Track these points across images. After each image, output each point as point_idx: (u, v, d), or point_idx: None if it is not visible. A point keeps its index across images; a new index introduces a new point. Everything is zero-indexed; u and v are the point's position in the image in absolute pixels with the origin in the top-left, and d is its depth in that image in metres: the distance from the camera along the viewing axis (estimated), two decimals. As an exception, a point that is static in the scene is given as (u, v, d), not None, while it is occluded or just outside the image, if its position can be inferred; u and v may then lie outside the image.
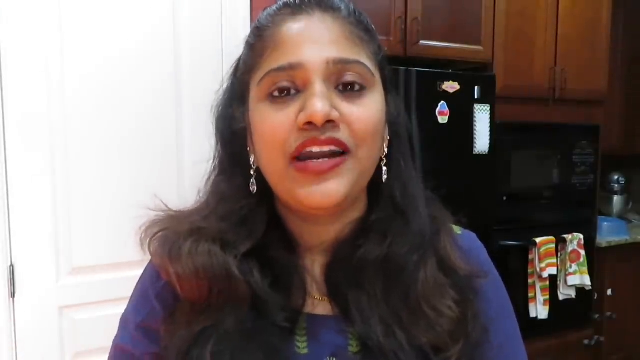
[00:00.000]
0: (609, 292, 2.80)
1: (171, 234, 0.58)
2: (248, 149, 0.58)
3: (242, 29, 1.83)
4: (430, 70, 2.13)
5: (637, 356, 2.92)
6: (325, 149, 0.51)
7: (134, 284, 0.65)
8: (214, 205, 0.59)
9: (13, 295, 1.55)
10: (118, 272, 1.66)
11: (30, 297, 1.57)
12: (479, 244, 0.67)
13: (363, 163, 0.53)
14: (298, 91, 0.52)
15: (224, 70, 1.81)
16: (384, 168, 0.58)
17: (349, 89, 0.53)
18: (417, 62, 2.12)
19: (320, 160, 0.51)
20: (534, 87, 2.47)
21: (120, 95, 1.67)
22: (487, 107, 2.19)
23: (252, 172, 0.58)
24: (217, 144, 0.62)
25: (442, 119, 2.10)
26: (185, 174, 1.76)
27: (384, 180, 0.58)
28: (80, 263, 1.64)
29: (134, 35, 1.68)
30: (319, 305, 0.58)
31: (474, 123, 2.17)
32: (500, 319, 0.62)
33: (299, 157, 0.51)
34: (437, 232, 0.60)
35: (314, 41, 0.52)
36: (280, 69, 0.52)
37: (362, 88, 0.53)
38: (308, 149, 0.51)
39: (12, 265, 1.55)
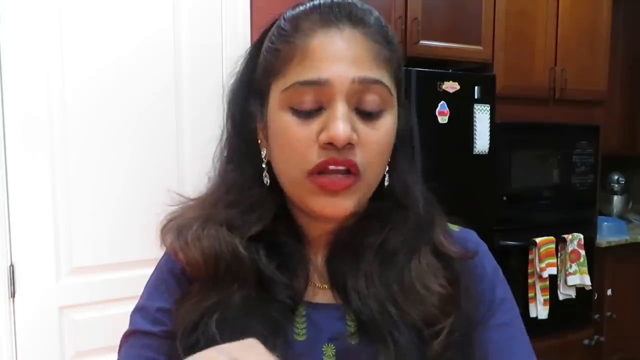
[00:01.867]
0: (609, 292, 2.79)
1: (181, 222, 0.61)
2: (259, 142, 0.60)
3: (242, 30, 1.84)
4: (430, 70, 2.12)
5: (637, 356, 2.92)
6: (341, 167, 0.54)
7: (134, 284, 0.65)
8: (223, 192, 0.62)
9: (13, 295, 1.55)
10: (118, 272, 1.66)
11: (30, 297, 1.57)
12: (476, 239, 0.68)
13: (370, 183, 0.57)
14: (321, 107, 0.54)
15: (224, 71, 1.83)
16: (386, 175, 0.61)
17: (368, 111, 0.55)
18: (417, 62, 2.12)
19: (334, 177, 0.54)
20: (534, 87, 2.47)
21: (120, 95, 1.67)
22: (487, 107, 2.19)
23: (263, 166, 0.60)
24: (226, 124, 0.64)
25: (442, 119, 2.10)
26: (186, 173, 1.76)
27: (385, 185, 0.61)
28: (81, 263, 1.64)
29: (134, 35, 1.69)
30: (320, 293, 0.61)
31: (474, 123, 2.17)
32: (500, 304, 0.63)
33: (316, 172, 0.54)
34: (432, 223, 0.63)
35: (342, 58, 0.53)
36: (307, 83, 0.53)
37: (380, 111, 0.56)
38: (325, 166, 0.54)
39: (12, 265, 1.55)
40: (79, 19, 1.61)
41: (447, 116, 2.10)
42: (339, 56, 0.53)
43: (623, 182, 3.20)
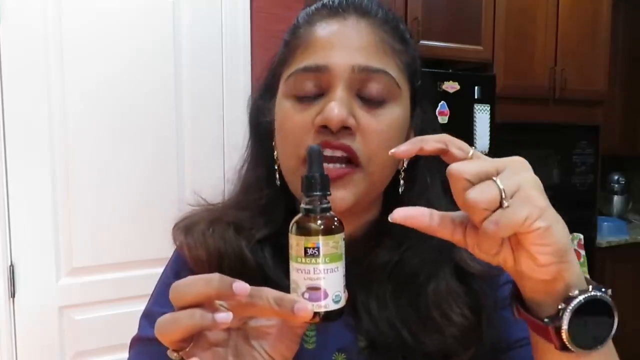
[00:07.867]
0: (609, 292, 2.79)
1: (191, 220, 0.61)
2: (273, 143, 0.59)
3: (242, 30, 1.83)
4: (430, 70, 2.12)
5: (637, 356, 2.92)
6: (337, 153, 0.51)
7: (134, 284, 0.66)
8: (238, 195, 0.62)
9: (13, 295, 1.55)
10: (118, 272, 1.66)
11: (30, 297, 1.57)
12: None
13: (373, 177, 0.53)
14: (321, 94, 0.53)
15: (224, 72, 1.83)
16: (402, 181, 0.57)
17: (370, 98, 0.53)
18: (417, 62, 2.12)
19: (331, 165, 0.51)
20: (534, 87, 2.47)
21: (120, 95, 1.67)
22: (487, 107, 2.19)
23: (276, 167, 0.58)
24: (249, 134, 0.64)
25: (442, 119, 2.09)
26: (186, 174, 1.76)
27: (400, 193, 0.57)
28: (80, 263, 1.64)
29: (134, 36, 1.69)
30: None
31: (474, 123, 2.17)
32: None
33: None
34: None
35: (343, 46, 0.53)
36: (306, 69, 0.53)
37: (384, 100, 0.53)
38: None
39: (12, 265, 1.55)
40: (79, 21, 1.61)
41: (447, 116, 2.10)
42: (341, 44, 0.53)
43: (623, 182, 3.20)
